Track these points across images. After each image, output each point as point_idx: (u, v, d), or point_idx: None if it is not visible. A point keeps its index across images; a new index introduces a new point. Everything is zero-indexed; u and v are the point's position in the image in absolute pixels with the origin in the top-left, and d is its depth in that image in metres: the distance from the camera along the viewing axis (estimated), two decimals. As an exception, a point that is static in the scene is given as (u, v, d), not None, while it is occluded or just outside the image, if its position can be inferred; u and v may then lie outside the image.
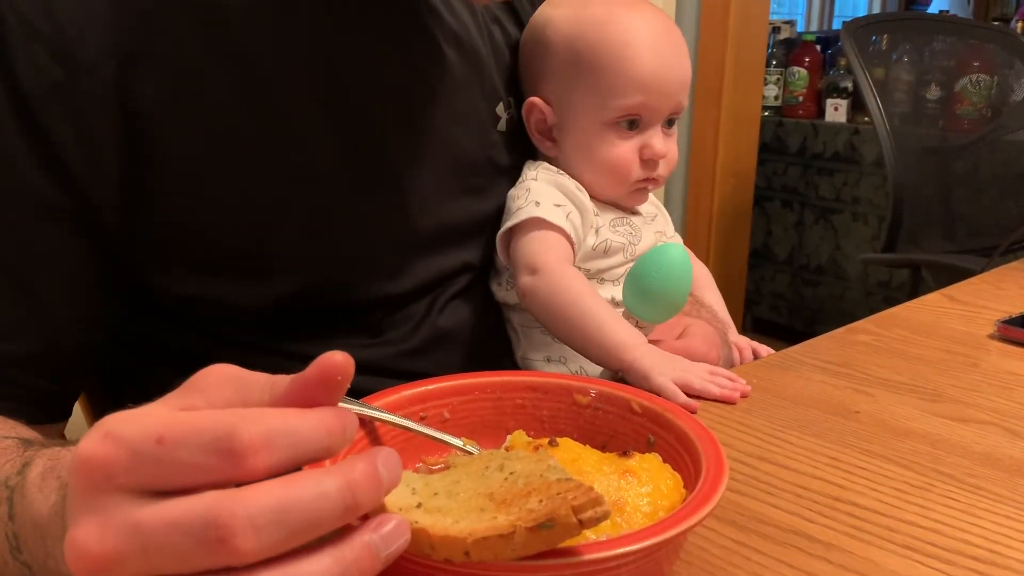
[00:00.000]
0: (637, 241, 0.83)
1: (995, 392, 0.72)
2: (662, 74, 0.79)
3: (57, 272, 0.61)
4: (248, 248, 0.66)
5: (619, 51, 0.78)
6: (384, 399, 0.52)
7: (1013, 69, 2.30)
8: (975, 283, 1.08)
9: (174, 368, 0.40)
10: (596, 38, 0.79)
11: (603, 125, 0.80)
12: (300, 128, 0.66)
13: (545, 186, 0.80)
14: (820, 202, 2.96)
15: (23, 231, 0.59)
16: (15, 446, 0.50)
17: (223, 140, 0.63)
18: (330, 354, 0.34)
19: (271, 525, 0.30)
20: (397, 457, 0.34)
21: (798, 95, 3.06)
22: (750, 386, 0.70)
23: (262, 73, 0.64)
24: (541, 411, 0.55)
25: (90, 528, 0.31)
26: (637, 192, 0.83)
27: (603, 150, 0.80)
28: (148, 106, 0.60)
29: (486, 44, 0.81)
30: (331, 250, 0.69)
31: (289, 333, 0.69)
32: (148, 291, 0.66)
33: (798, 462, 0.59)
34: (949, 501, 0.54)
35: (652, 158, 0.80)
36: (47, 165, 0.58)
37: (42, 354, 0.62)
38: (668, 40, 0.80)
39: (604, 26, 0.79)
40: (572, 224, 0.78)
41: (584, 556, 0.37)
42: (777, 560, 0.47)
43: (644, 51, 0.78)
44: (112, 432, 0.32)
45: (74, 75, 0.58)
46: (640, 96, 0.78)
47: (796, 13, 5.18)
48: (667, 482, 0.46)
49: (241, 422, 0.31)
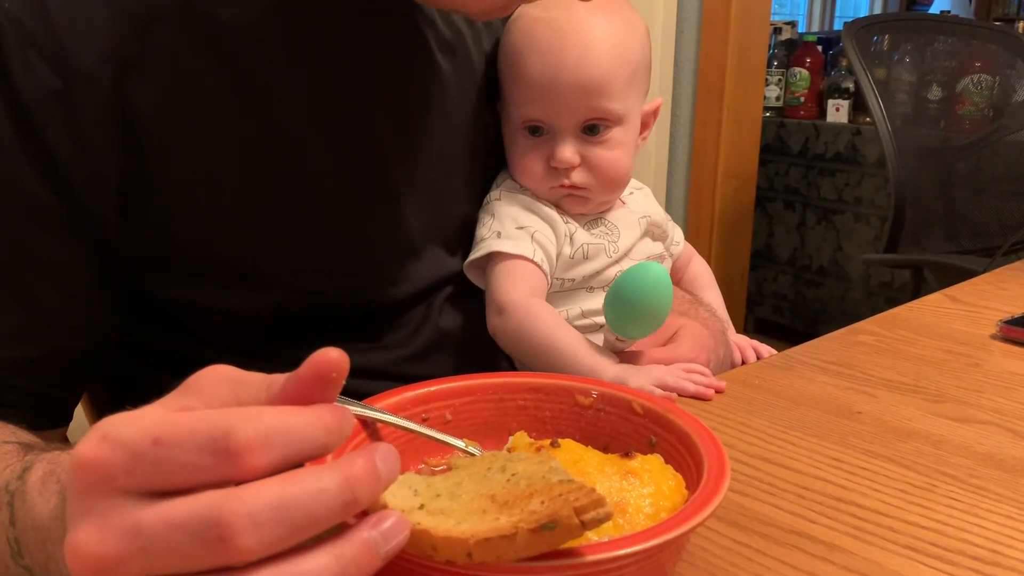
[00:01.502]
0: (617, 237, 0.82)
1: (997, 392, 0.72)
2: (553, 81, 0.75)
3: (55, 278, 0.61)
4: (244, 254, 0.66)
5: (513, 57, 0.78)
6: (386, 400, 0.52)
7: (1015, 69, 2.29)
8: (977, 283, 1.08)
9: (176, 374, 0.40)
10: (504, 43, 0.79)
11: (514, 131, 0.80)
12: (296, 135, 0.66)
13: (507, 206, 0.79)
14: (822, 203, 2.96)
15: (22, 238, 0.59)
16: (15, 451, 0.50)
17: (219, 146, 0.63)
18: (324, 351, 0.34)
19: (272, 522, 0.30)
20: (395, 452, 0.34)
21: (799, 96, 3.06)
22: (754, 386, 0.70)
23: (258, 80, 0.64)
24: (543, 412, 0.55)
25: (90, 530, 0.31)
26: (566, 198, 0.80)
27: (515, 156, 0.80)
28: (145, 112, 0.60)
29: (480, 53, 0.81)
30: (327, 256, 0.69)
31: (289, 340, 0.69)
32: (147, 298, 0.66)
33: (800, 463, 0.59)
34: (951, 502, 0.54)
35: (556, 166, 0.77)
36: (45, 172, 0.59)
37: (41, 360, 0.62)
38: (567, 43, 0.75)
39: (511, 30, 0.79)
40: (539, 244, 0.77)
41: (586, 557, 0.37)
42: (779, 561, 0.47)
43: (533, 57, 0.76)
44: (109, 434, 0.32)
45: (71, 83, 0.58)
46: (530, 104, 0.77)
47: (797, 14, 5.19)
48: (669, 483, 0.46)
49: (237, 421, 0.31)
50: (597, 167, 0.78)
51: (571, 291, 0.81)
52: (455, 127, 0.78)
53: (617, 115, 0.78)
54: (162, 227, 0.63)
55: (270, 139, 0.65)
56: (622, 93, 0.77)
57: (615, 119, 0.78)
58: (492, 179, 0.84)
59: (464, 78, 0.78)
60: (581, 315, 0.81)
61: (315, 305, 0.69)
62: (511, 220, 0.78)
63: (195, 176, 0.63)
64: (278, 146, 0.65)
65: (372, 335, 0.73)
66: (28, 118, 0.57)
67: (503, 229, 0.78)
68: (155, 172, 0.61)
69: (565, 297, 0.81)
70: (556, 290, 0.81)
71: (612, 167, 0.79)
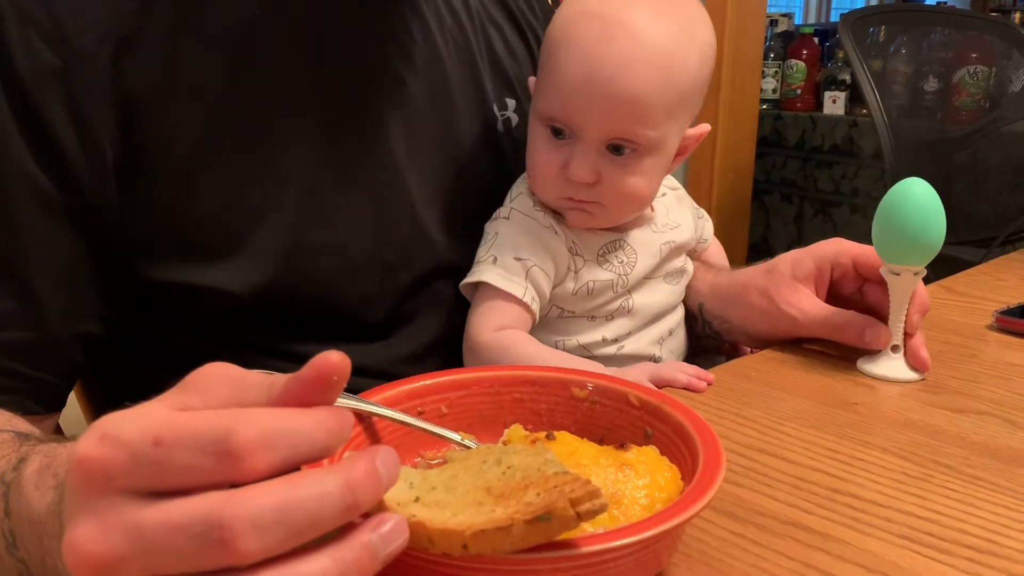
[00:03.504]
0: (631, 268, 0.76)
1: (994, 383, 0.72)
2: (585, 88, 0.68)
3: (50, 259, 0.61)
4: (240, 233, 0.65)
5: (551, 47, 0.71)
6: (382, 394, 0.52)
7: (1011, 60, 2.29)
8: (974, 274, 1.08)
9: (172, 368, 0.40)
10: (549, 28, 0.73)
11: (536, 123, 0.74)
12: (295, 113, 0.66)
13: (513, 229, 0.74)
14: (819, 195, 2.96)
15: (16, 218, 0.59)
16: (11, 440, 0.50)
17: (217, 125, 0.63)
18: (326, 354, 0.34)
19: (273, 525, 0.30)
20: (395, 455, 0.34)
21: (796, 88, 3.06)
22: (749, 378, 0.70)
23: (256, 59, 0.64)
24: (539, 405, 0.55)
25: (90, 529, 0.31)
26: (571, 211, 0.74)
27: (532, 151, 0.74)
28: (142, 91, 0.60)
29: (480, 45, 0.81)
30: (323, 237, 0.68)
31: (287, 333, 0.69)
32: (143, 284, 0.66)
33: (796, 454, 0.59)
34: (947, 492, 0.54)
35: (570, 178, 0.71)
36: (42, 153, 0.59)
37: (35, 343, 0.61)
38: (611, 49, 0.67)
39: (559, 17, 0.72)
40: (532, 282, 0.73)
41: (582, 548, 0.37)
42: (775, 551, 0.48)
43: (570, 54, 0.69)
44: (109, 434, 0.32)
45: (70, 63, 0.58)
46: (557, 104, 0.70)
47: (794, 6, 5.18)
48: (664, 474, 0.46)
49: (238, 423, 0.31)
50: (613, 188, 0.71)
51: (571, 319, 0.77)
52: (458, 116, 0.78)
53: (649, 142, 0.70)
54: (160, 205, 0.63)
55: (267, 117, 0.65)
56: (661, 120, 0.69)
57: (646, 145, 0.70)
58: (501, 172, 0.81)
59: (467, 69, 0.78)
60: (578, 347, 0.77)
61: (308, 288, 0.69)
62: (512, 248, 0.73)
63: (193, 155, 0.63)
64: (277, 125, 0.65)
65: (370, 333, 0.73)
66: (27, 98, 0.58)
67: (500, 256, 0.73)
68: (151, 148, 0.62)
69: (564, 324, 0.77)
70: (555, 317, 0.77)
71: (629, 191, 0.72)
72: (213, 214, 0.64)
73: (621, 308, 0.77)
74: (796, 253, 0.79)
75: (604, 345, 0.77)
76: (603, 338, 0.77)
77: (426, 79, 0.75)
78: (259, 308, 0.67)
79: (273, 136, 0.65)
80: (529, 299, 0.73)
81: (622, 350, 0.78)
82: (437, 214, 0.76)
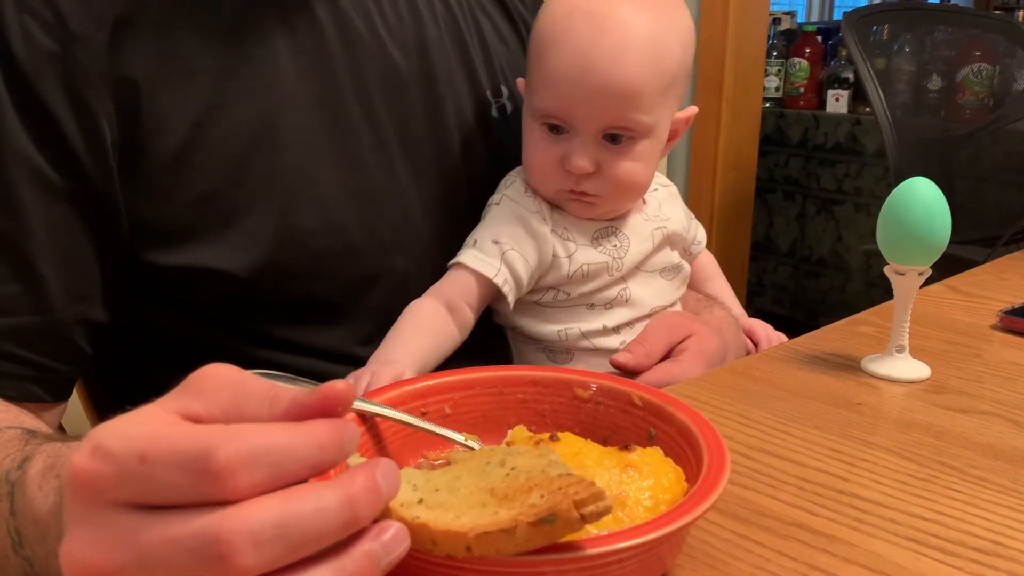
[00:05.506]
0: (624, 252, 0.78)
1: (998, 383, 0.72)
2: (580, 81, 0.70)
3: (53, 243, 0.61)
4: (236, 212, 0.66)
5: (541, 44, 0.73)
6: (386, 394, 0.52)
7: (1015, 58, 2.29)
8: (977, 273, 1.08)
9: (171, 364, 0.40)
10: (536, 25, 0.75)
11: (531, 120, 0.75)
12: (289, 96, 0.67)
13: (500, 214, 0.76)
14: (822, 193, 2.96)
15: (19, 202, 0.59)
16: (17, 438, 0.50)
17: (213, 108, 0.64)
18: (333, 383, 0.34)
19: (272, 541, 0.30)
20: (396, 468, 0.34)
21: (799, 86, 3.05)
22: (753, 378, 0.70)
23: (252, 43, 0.64)
24: (542, 406, 0.55)
25: (87, 540, 0.31)
26: (571, 202, 0.76)
27: (528, 147, 0.76)
28: (139, 72, 0.61)
29: (472, 32, 0.82)
30: (316, 217, 0.69)
31: (285, 319, 0.69)
32: (142, 268, 0.66)
33: (800, 454, 0.59)
34: (952, 493, 0.54)
35: (570, 171, 0.73)
36: (42, 136, 0.59)
37: (40, 327, 0.61)
38: (602, 42, 0.70)
39: (546, 12, 0.74)
40: (508, 264, 0.73)
41: (586, 550, 0.37)
42: (779, 553, 0.47)
43: (563, 50, 0.71)
44: (100, 446, 0.31)
45: (67, 46, 0.59)
46: (552, 100, 0.72)
47: (796, 3, 5.17)
48: (669, 476, 0.46)
49: (221, 441, 0.31)
50: (613, 176, 0.74)
51: (570, 307, 0.78)
52: (451, 99, 0.78)
53: (644, 127, 0.73)
54: (158, 187, 0.63)
55: (261, 98, 0.66)
56: (653, 104, 0.72)
57: (641, 131, 0.73)
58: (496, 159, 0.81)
59: (459, 53, 0.79)
60: (581, 335, 0.78)
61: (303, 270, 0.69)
62: (493, 232, 0.75)
63: (190, 137, 0.63)
64: (271, 107, 0.66)
65: (367, 313, 0.73)
66: (26, 83, 0.58)
67: (480, 239, 0.75)
68: (149, 130, 0.62)
69: (565, 313, 0.78)
70: (554, 304, 0.78)
71: (629, 178, 0.74)
72: (210, 194, 0.64)
73: (619, 297, 0.78)
74: None
75: (606, 334, 0.78)
76: (603, 326, 0.78)
77: (418, 63, 0.76)
78: (257, 289, 0.67)
79: (268, 117, 0.66)
80: (501, 280, 0.73)
81: (624, 344, 0.78)
82: (428, 197, 0.76)
